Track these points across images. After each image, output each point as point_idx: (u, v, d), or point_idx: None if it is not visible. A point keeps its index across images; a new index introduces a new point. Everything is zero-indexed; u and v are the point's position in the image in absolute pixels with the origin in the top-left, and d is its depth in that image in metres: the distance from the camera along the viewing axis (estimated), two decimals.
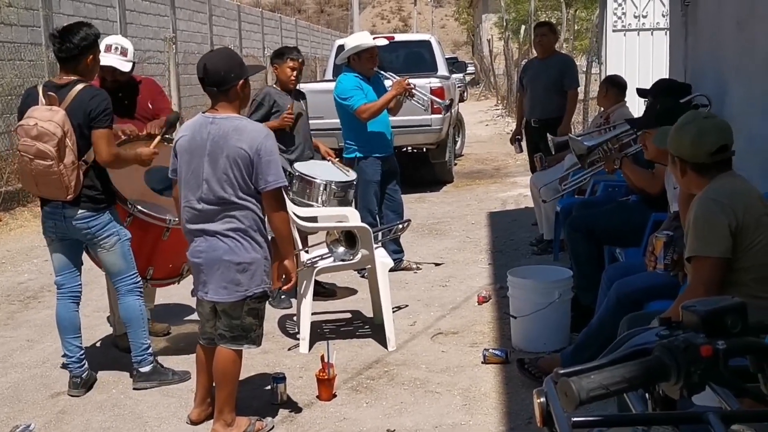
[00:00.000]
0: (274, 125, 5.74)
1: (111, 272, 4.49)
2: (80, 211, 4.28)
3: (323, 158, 6.14)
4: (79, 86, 4.25)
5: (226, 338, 3.84)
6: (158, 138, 4.77)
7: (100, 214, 4.34)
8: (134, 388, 4.46)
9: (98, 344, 5.34)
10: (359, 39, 6.62)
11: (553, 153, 7.22)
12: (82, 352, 4.56)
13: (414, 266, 6.83)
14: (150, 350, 4.53)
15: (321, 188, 5.49)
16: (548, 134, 7.49)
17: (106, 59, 4.85)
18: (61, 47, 4.26)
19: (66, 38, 4.24)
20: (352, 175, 5.83)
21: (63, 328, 4.51)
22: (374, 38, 6.72)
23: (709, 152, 3.16)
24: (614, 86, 6.80)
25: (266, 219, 3.81)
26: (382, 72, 6.64)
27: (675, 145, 3.25)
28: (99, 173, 4.34)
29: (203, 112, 3.81)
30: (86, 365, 4.55)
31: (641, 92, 5.98)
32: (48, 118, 4.08)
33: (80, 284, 4.56)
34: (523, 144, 8.58)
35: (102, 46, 5.11)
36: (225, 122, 3.72)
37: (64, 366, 4.58)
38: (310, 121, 6.27)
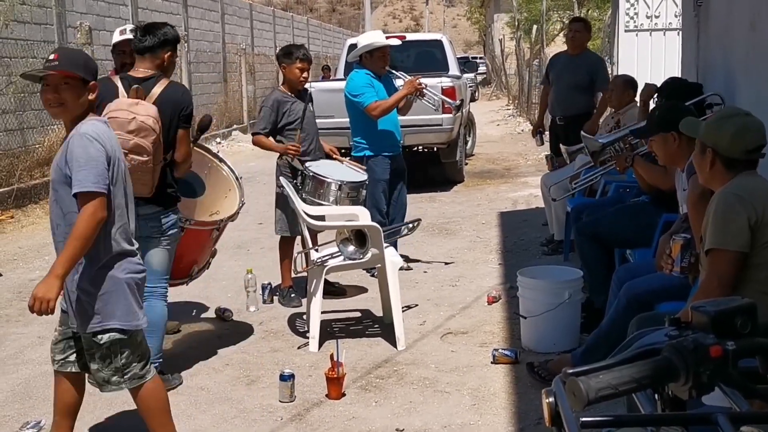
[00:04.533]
0: (279, 151, 5.77)
1: (156, 271, 4.40)
2: (158, 207, 4.31)
3: (328, 157, 6.13)
4: (164, 81, 4.30)
5: None
6: (192, 144, 4.78)
7: (173, 211, 4.41)
8: None
9: None
10: (372, 37, 6.63)
11: (568, 162, 7.17)
12: None
13: (406, 266, 6.73)
14: (161, 359, 4.50)
15: (334, 188, 5.48)
16: (561, 145, 7.44)
17: (121, 36, 5.00)
18: (141, 38, 4.33)
19: (147, 31, 4.34)
20: (364, 175, 5.83)
21: None
22: (387, 38, 6.72)
23: (747, 149, 3.16)
24: (633, 88, 6.77)
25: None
26: (393, 71, 6.64)
27: (713, 136, 3.22)
28: (170, 171, 4.40)
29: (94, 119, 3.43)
30: None
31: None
32: (145, 113, 4.06)
33: None
34: (545, 137, 8.53)
35: (116, 33, 5.17)
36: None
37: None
38: (321, 120, 6.25)
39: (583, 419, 1.46)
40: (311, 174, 5.51)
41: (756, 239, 3.09)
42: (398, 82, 6.64)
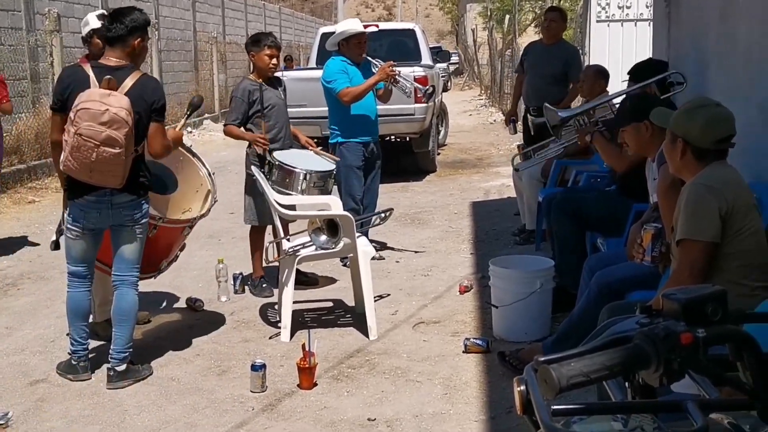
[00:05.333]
0: (248, 140, 5.74)
1: (128, 260, 4.40)
2: (131, 196, 4.28)
3: (303, 147, 6.08)
4: (137, 73, 4.25)
5: None
6: (183, 121, 4.72)
7: (146, 200, 4.38)
8: (108, 388, 4.35)
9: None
10: (348, 25, 6.63)
11: (532, 133, 7.23)
12: (88, 337, 4.56)
13: (378, 255, 6.69)
14: (131, 348, 4.47)
15: (301, 178, 5.45)
16: (529, 115, 7.49)
17: (101, 22, 4.91)
18: (109, 27, 4.26)
19: (115, 18, 4.27)
20: (332, 165, 5.80)
21: (78, 315, 4.46)
22: (365, 26, 6.70)
23: (717, 139, 3.18)
24: (604, 78, 6.79)
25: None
26: (371, 59, 6.63)
27: (683, 126, 3.24)
28: (144, 161, 4.36)
29: None
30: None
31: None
32: (118, 105, 4.01)
33: (93, 273, 4.55)
34: (519, 125, 8.55)
35: (92, 18, 5.07)
36: None
37: (73, 352, 4.48)
38: (294, 109, 6.21)
39: (555, 407, 1.46)
40: (278, 163, 5.48)
41: (727, 229, 3.12)
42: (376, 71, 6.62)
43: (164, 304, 5.84)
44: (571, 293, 4.75)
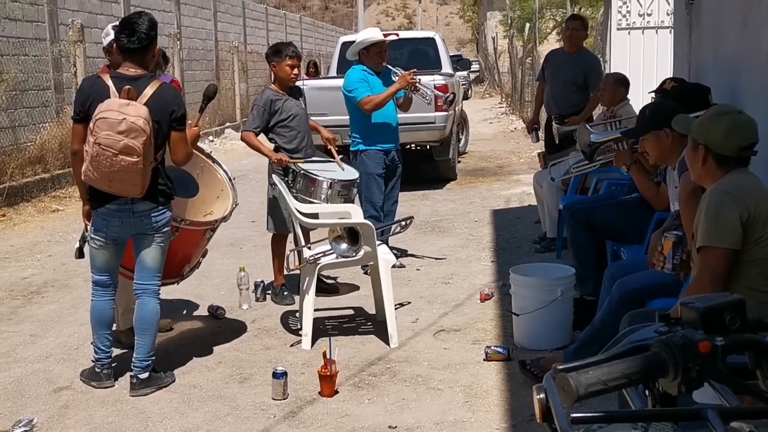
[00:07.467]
0: (267, 155, 5.79)
1: (149, 268, 4.44)
2: (152, 204, 4.31)
3: (324, 144, 6.09)
4: (156, 82, 4.28)
5: None
6: (199, 115, 4.74)
7: (167, 208, 4.41)
8: (131, 396, 4.38)
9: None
10: (368, 34, 6.69)
11: (557, 142, 7.20)
12: (112, 345, 4.59)
13: (398, 263, 6.69)
14: (154, 356, 4.50)
15: (325, 186, 5.48)
16: (554, 123, 7.45)
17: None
18: (130, 38, 4.23)
19: (135, 29, 4.23)
20: (355, 174, 5.82)
21: (101, 323, 4.49)
22: (385, 34, 6.74)
23: (739, 146, 3.18)
24: (625, 86, 6.76)
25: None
26: (391, 67, 6.66)
27: (705, 133, 3.23)
28: (164, 169, 4.39)
29: None
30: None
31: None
32: (136, 114, 4.05)
33: (117, 282, 4.58)
34: (541, 134, 8.54)
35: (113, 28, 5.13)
36: None
37: (96, 360, 4.52)
38: (315, 118, 6.24)
39: (574, 415, 1.46)
40: (302, 172, 5.50)
41: (748, 236, 3.10)
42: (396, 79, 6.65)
43: (186, 311, 5.88)
44: (592, 302, 4.73)
